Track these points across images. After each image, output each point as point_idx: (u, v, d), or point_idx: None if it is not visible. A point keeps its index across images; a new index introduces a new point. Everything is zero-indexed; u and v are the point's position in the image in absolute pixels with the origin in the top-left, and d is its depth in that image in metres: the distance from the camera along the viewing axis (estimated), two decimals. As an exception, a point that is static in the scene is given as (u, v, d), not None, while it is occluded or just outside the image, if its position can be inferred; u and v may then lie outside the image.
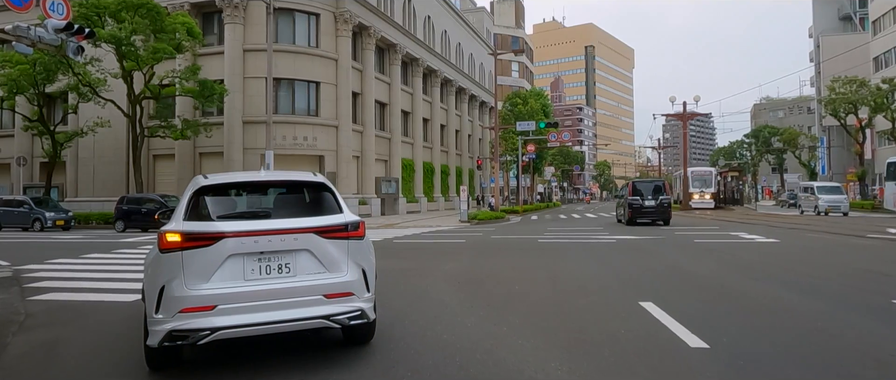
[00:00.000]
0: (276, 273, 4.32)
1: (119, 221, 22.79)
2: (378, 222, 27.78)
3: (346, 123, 32.49)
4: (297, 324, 4.28)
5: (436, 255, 12.56)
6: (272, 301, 4.21)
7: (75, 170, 32.98)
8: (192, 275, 4.11)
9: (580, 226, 23.35)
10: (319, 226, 4.47)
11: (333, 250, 4.48)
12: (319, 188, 4.92)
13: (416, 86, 42.50)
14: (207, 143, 30.07)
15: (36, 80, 26.23)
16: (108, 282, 9.26)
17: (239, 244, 4.21)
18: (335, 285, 4.41)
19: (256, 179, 5.04)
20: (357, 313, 4.45)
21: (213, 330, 4.05)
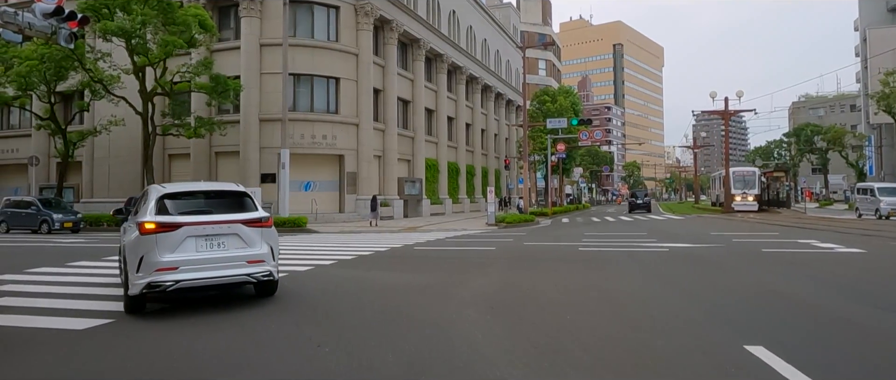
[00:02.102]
0: (217, 248, 6.84)
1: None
2: (400, 225, 26.16)
3: (368, 121, 30.97)
4: (230, 278, 6.94)
5: (462, 266, 10.83)
6: (214, 265, 6.80)
7: (91, 170, 32.14)
8: (163, 248, 6.57)
9: (619, 230, 21.39)
10: (243, 218, 7.03)
11: (253, 234, 7.03)
12: (243, 194, 7.45)
13: (440, 83, 40.84)
14: (223, 141, 28.84)
15: (46, 76, 25.28)
16: (73, 300, 7.75)
17: (193, 230, 6.71)
18: (254, 255, 6.99)
19: (200, 189, 7.74)
20: (267, 274, 7.15)
21: (176, 281, 6.59)
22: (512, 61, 60.34)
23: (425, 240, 17.37)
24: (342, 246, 15.25)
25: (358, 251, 13.62)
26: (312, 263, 11.42)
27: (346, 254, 13.02)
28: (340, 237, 19.24)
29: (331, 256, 12.52)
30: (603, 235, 19.01)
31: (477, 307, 6.85)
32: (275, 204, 26.96)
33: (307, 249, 14.51)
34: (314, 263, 11.41)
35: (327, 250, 13.97)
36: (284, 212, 23.60)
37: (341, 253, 13.25)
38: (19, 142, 33.88)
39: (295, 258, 12.17)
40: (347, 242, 16.64)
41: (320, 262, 11.57)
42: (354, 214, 30.11)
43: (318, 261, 11.66)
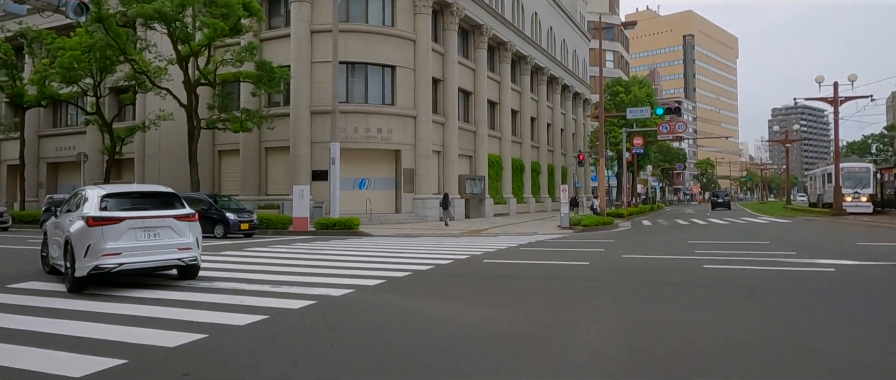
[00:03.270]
0: (154, 237, 8.40)
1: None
2: (461, 227, 23.36)
3: (426, 114, 28.34)
4: (164, 262, 8.55)
5: (557, 294, 7.88)
6: (152, 251, 8.35)
7: (142, 167, 31.03)
8: (108, 238, 7.97)
9: (726, 237, 17.76)
10: (175, 214, 8.69)
11: (182, 226, 8.69)
12: (172, 195, 9.11)
13: (503, 73, 37.79)
14: (273, 136, 26.92)
15: (92, 68, 24.01)
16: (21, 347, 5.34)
17: (133, 222, 8.23)
18: (184, 243, 8.62)
19: (136, 190, 9.29)
20: (194, 259, 8.83)
21: (119, 265, 8.04)
22: (579, 51, 56.48)
23: (495, 248, 14.48)
24: (395, 256, 12.57)
25: (413, 264, 10.89)
26: (354, 281, 8.76)
27: (399, 268, 10.30)
28: (395, 243, 16.62)
29: (379, 272, 9.84)
30: (713, 243, 15.51)
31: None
32: (326, 203, 24.76)
33: (353, 259, 11.91)
34: (356, 281, 8.74)
35: (376, 262, 11.31)
36: (335, 212, 21.26)
37: (393, 266, 10.55)
38: (75, 139, 33.30)
39: (333, 274, 9.56)
40: (402, 250, 13.97)
41: (364, 280, 8.89)
42: (412, 214, 27.55)
43: (361, 279, 8.98)
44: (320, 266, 10.71)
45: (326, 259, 11.95)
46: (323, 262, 11.46)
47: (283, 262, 11.53)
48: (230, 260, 11.94)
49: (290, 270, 10.23)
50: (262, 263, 11.27)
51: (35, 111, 34.72)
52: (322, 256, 12.41)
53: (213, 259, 11.99)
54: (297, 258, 12.21)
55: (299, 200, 21.17)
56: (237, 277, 9.43)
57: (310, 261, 11.67)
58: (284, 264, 11.03)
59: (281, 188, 27.23)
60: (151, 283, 8.77)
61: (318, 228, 20.68)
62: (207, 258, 11.98)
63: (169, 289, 8.26)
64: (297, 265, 10.90)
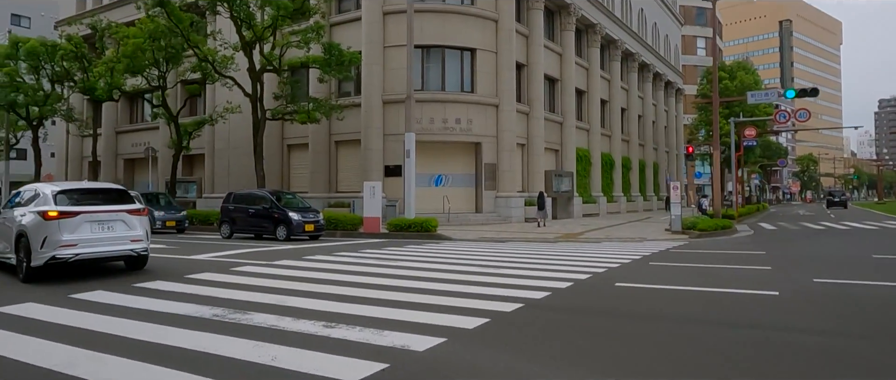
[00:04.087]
0: (108, 230, 8.90)
1: (225, 223, 17.92)
2: (552, 230, 20.21)
3: (509, 102, 25.36)
4: (118, 252, 9.11)
5: (773, 358, 4.76)
6: (106, 242, 8.88)
7: (212, 163, 29.89)
8: (65, 230, 8.43)
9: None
10: (127, 208, 9.21)
11: (134, 220, 9.20)
12: (124, 191, 9.81)
13: (592, 59, 34.16)
14: (344, 129, 24.82)
15: (156, 58, 22.73)
16: None
17: (89, 216, 8.70)
18: (135, 235, 9.16)
19: (89, 186, 10.13)
20: (144, 249, 9.39)
21: (76, 255, 8.50)
22: (671, 36, 51.62)
23: (614, 261, 11.37)
24: (490, 271, 9.75)
25: (521, 287, 8.02)
26: (442, 319, 6.01)
27: (504, 295, 7.45)
28: (482, 250, 13.80)
29: (476, 301, 7.05)
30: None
31: None
32: (400, 202, 22.32)
33: (435, 277, 9.20)
34: (445, 320, 5.99)
35: (467, 282, 8.54)
36: (410, 212, 18.70)
37: (493, 291, 7.73)
38: (149, 135, 32.70)
39: (411, 303, 6.85)
40: (495, 261, 11.14)
41: (457, 318, 6.11)
42: (494, 214, 24.66)
43: (453, 315, 6.23)
44: (393, 287, 8.05)
45: (402, 276, 9.28)
46: (397, 280, 8.81)
47: (345, 278, 8.97)
48: (282, 274, 9.52)
49: (353, 293, 7.62)
50: (319, 281, 8.76)
51: (112, 107, 34.64)
52: (395, 272, 9.76)
53: (261, 271, 9.62)
54: (363, 272, 9.63)
55: (371, 197, 18.79)
56: (289, 305, 6.90)
57: (379, 278, 9.04)
58: (345, 283, 8.45)
59: (351, 185, 25.11)
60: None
61: (392, 229, 18.21)
62: (251, 270, 9.62)
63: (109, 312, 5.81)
64: (362, 285, 8.29)
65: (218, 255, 12.38)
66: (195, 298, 7.30)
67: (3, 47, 28.77)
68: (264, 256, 12.05)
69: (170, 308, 6.63)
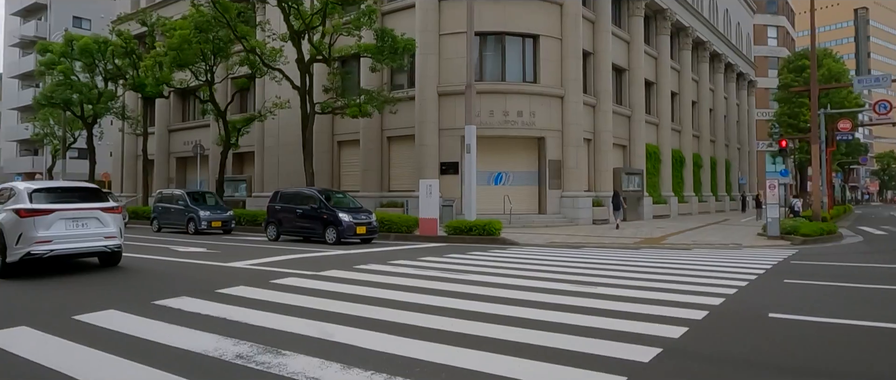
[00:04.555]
0: (82, 227, 9.20)
1: (271, 224, 16.59)
2: (625, 233, 18.00)
3: (576, 93, 23.23)
4: (92, 248, 9.41)
5: None
6: (80, 239, 9.18)
7: (261, 160, 28.97)
8: (40, 227, 8.73)
9: None
10: (101, 207, 9.52)
11: (107, 217, 9.51)
12: (97, 189, 10.15)
13: (661, 47, 31.50)
14: (397, 123, 23.32)
15: (203, 51, 21.79)
16: None
17: (63, 214, 9.02)
18: (108, 232, 9.47)
19: (63, 185, 10.20)
20: (118, 245, 9.71)
21: (51, 251, 8.82)
22: (742, 24, 47.96)
23: (720, 271, 9.26)
24: (578, 291, 7.88)
25: (631, 318, 6.11)
26: (536, 367, 4.18)
27: (613, 331, 5.58)
28: (556, 258, 11.87)
29: (575, 339, 5.22)
30: None
31: None
32: (457, 201, 20.59)
33: (508, 295, 7.45)
34: (543, 369, 4.14)
35: (553, 307, 6.73)
36: (470, 213, 16.90)
37: (595, 325, 5.86)
38: (200, 133, 32.14)
39: (484, 343, 5.06)
40: (577, 274, 9.23)
41: (561, 368, 4.25)
42: (559, 215, 22.60)
43: (554, 364, 4.38)
44: (465, 313, 6.27)
45: (472, 296, 7.51)
46: (467, 301, 7.04)
47: (405, 298, 7.27)
48: (330, 289, 7.89)
49: (417, 322, 5.89)
50: (374, 302, 7.10)
51: (165, 106, 34.39)
52: (464, 290, 8.00)
53: (304, 286, 8.02)
54: (426, 289, 7.93)
55: (427, 197, 17.11)
56: (336, 340, 5.23)
57: (446, 298, 7.31)
58: (406, 305, 6.75)
59: (404, 183, 23.57)
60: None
61: (450, 232, 16.47)
62: (293, 283, 8.03)
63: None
64: (426, 310, 6.57)
65: (259, 262, 10.92)
66: (221, 324, 5.73)
67: (58, 45, 28.75)
68: (310, 265, 10.51)
69: (186, 340, 5.06)
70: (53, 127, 36.33)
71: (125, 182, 36.38)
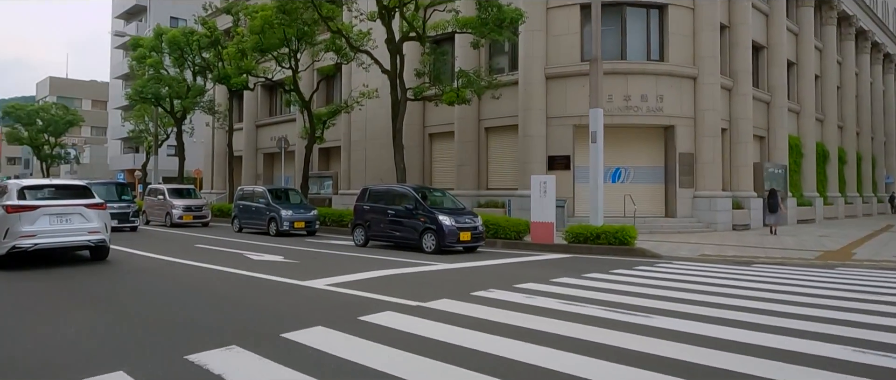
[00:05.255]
0: (66, 222, 9.73)
1: (358, 227, 14.21)
2: (790, 245, 14.07)
3: (711, 73, 19.41)
4: (75, 242, 9.94)
5: None
6: (63, 234, 9.68)
7: (348, 156, 27.04)
8: (25, 222, 9.30)
9: None
10: (85, 203, 10.05)
11: (91, 213, 10.03)
12: (85, 188, 10.64)
13: (803, 22, 26.72)
14: (495, 112, 20.56)
15: (286, 35, 19.97)
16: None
17: (47, 210, 9.55)
18: (93, 227, 10.00)
19: (52, 183, 10.66)
20: (102, 240, 10.18)
21: (35, 244, 9.36)
22: (890, 1, 41.17)
23: None
24: (817, 334, 4.65)
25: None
26: None
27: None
28: (732, 280, 8.52)
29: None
30: None
31: None
32: (569, 202, 17.50)
33: (716, 358, 4.35)
34: None
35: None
36: (596, 217, 13.72)
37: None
38: (286, 128, 30.80)
39: None
40: (787, 308, 5.98)
41: None
42: (691, 219, 18.88)
43: None
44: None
45: (665, 361, 4.50)
46: (653, 374, 4.05)
47: (563, 361, 4.38)
48: (446, 339, 5.15)
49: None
50: (518, 365, 4.26)
51: (252, 101, 33.51)
52: (640, 343, 5.03)
53: (406, 330, 5.30)
54: (592, 343, 5.02)
55: (540, 196, 14.14)
56: None
57: (624, 363, 4.35)
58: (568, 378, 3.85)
59: (505, 180, 20.74)
60: None
61: (571, 239, 13.43)
62: (388, 323, 5.16)
63: None
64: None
65: (343, 280, 8.42)
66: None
67: (148, 40, 28.35)
68: (410, 287, 7.88)
69: None
70: (148, 123, 36.54)
71: (215, 179, 35.94)
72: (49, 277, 8.77)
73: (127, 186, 21.14)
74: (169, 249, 12.94)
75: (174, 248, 13.24)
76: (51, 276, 8.88)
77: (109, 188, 19.14)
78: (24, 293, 7.48)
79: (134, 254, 12.10)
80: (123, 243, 13.97)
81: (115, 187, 19.75)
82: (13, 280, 8.38)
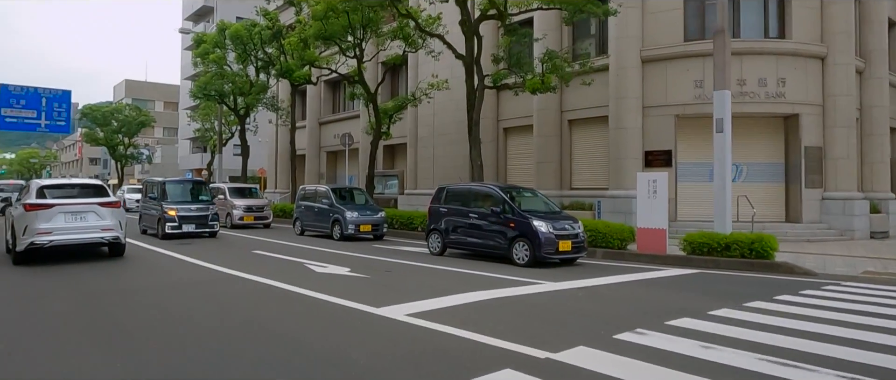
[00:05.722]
0: (80, 220, 10.16)
1: (434, 234, 12.30)
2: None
3: (845, 52, 16.39)
4: (89, 239, 10.32)
5: None
6: (78, 231, 10.11)
7: (415, 153, 25.31)
8: (41, 220, 9.78)
9: None
10: (99, 201, 10.43)
11: (105, 211, 10.40)
12: (101, 186, 11.13)
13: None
14: (580, 102, 18.32)
15: (351, 21, 18.41)
16: None
17: (62, 208, 10.00)
18: (105, 225, 10.35)
19: (71, 182, 11.65)
20: (116, 237, 10.49)
21: (51, 241, 9.81)
22: None
23: None
24: None
25: None
26: None
27: None
28: None
29: None
30: None
31: None
32: (671, 203, 15.03)
33: None
34: None
35: None
36: (723, 223, 11.23)
37: None
38: (351, 124, 29.44)
39: None
40: None
41: None
42: (820, 225, 15.93)
43: None
44: None
45: None
46: None
47: None
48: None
49: None
50: None
51: (315, 97, 32.47)
52: None
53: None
54: None
55: (648, 197, 11.81)
56: None
57: None
58: None
59: (591, 178, 18.45)
60: None
61: (691, 250, 11.04)
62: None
63: None
64: None
65: (426, 306, 6.50)
66: None
67: (211, 35, 27.67)
68: (521, 323, 5.87)
69: None
70: (213, 122, 36.26)
71: (279, 178, 35.17)
72: (75, 291, 7.33)
73: (204, 185, 17.67)
74: (224, 256, 11.48)
75: (230, 255, 11.77)
76: (78, 293, 7.43)
77: (185, 187, 16.51)
78: (35, 314, 5.99)
79: (184, 262, 10.69)
80: (179, 248, 12.68)
81: (190, 186, 16.71)
82: (14, 277, 7.08)
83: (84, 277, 8.76)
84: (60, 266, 9.80)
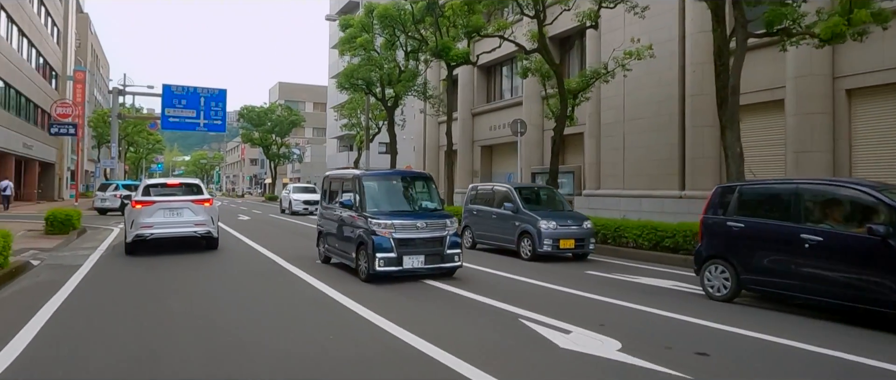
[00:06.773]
0: (176, 215, 11.55)
1: (714, 262, 7.44)
2: None
3: None
4: (184, 233, 11.70)
5: None
6: (174, 225, 11.52)
7: (596, 144, 20.43)
8: (145, 215, 11.32)
9: None
10: (194, 199, 11.85)
11: (198, 208, 11.79)
12: (196, 185, 12.65)
13: None
14: (864, 63, 12.48)
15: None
16: None
17: (161, 205, 11.53)
18: (198, 220, 11.72)
19: (171, 181, 13.05)
20: (208, 232, 11.89)
21: (152, 234, 11.28)
22: None
23: None
24: None
25: None
26: None
27: None
28: None
29: None
30: None
31: None
32: None
33: None
34: None
35: None
36: None
37: None
38: (510, 113, 25.18)
39: None
40: None
41: None
42: None
43: None
44: None
45: None
46: None
47: None
48: None
49: None
50: None
51: (468, 86, 28.84)
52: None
53: None
54: None
55: None
56: None
57: None
58: None
59: (883, 171, 12.45)
60: None
61: None
62: None
63: None
64: None
65: None
66: None
67: (358, 18, 25.08)
68: None
69: None
70: (359, 116, 34.20)
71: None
72: None
73: (430, 181, 9.87)
74: (388, 296, 7.70)
75: (397, 292, 7.98)
76: None
77: (397, 185, 9.62)
78: None
79: (327, 297, 7.04)
80: (320, 276, 9.22)
81: (406, 184, 9.75)
82: None
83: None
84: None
